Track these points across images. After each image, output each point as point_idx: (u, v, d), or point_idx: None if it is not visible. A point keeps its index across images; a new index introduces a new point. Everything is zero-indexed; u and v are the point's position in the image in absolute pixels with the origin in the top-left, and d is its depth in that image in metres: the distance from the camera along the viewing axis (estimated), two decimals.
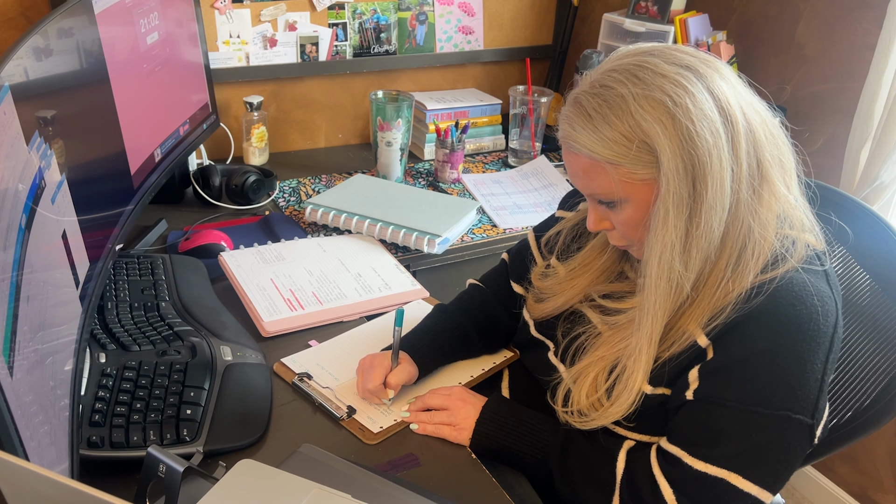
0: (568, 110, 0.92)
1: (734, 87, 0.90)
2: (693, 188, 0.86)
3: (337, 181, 1.86)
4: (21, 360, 0.73)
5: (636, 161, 0.88)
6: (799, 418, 0.85)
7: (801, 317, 0.86)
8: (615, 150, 0.88)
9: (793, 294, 0.86)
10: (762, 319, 0.86)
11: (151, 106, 1.44)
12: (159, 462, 0.76)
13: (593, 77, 0.92)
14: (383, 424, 1.05)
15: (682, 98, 0.85)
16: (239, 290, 1.33)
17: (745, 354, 0.86)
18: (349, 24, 1.99)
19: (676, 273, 0.89)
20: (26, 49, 0.96)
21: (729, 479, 0.85)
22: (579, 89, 0.92)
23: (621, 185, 0.90)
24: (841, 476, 1.97)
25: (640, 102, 0.86)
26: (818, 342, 0.86)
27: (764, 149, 0.89)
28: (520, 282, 1.22)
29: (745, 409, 0.86)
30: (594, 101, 0.89)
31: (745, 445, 0.86)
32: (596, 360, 0.98)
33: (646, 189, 0.89)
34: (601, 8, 2.12)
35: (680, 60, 0.88)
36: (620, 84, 0.87)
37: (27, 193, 0.83)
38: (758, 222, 0.89)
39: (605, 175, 0.90)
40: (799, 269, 0.89)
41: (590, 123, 0.88)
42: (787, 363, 0.85)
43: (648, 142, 0.86)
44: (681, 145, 0.85)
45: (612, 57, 0.93)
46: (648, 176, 0.88)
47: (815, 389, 0.86)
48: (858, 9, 1.62)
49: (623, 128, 0.87)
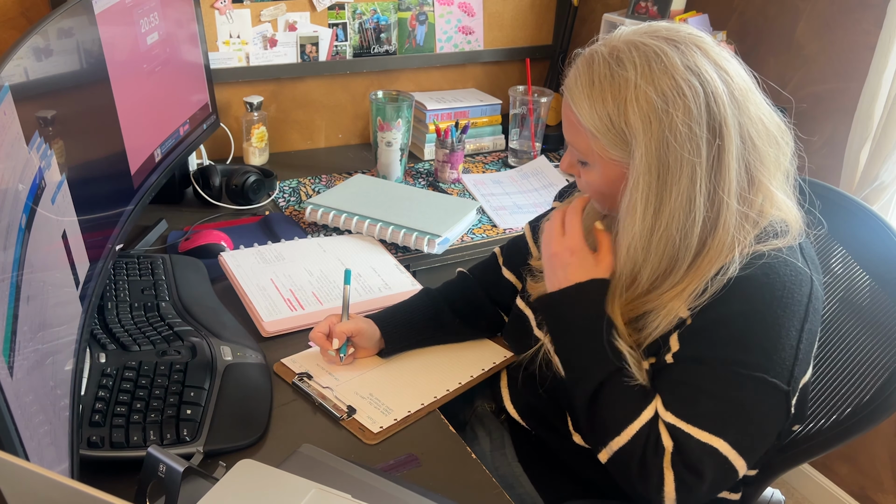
0: (581, 63, 0.95)
1: (739, 101, 0.90)
2: (660, 189, 0.90)
3: (337, 181, 1.86)
4: (21, 360, 0.73)
5: (611, 142, 0.92)
6: (774, 382, 0.88)
7: (774, 284, 0.89)
8: (597, 125, 0.92)
9: (766, 265, 0.90)
10: (736, 286, 0.89)
11: (151, 106, 1.44)
12: (159, 462, 0.76)
13: (621, 38, 0.94)
14: (383, 424, 1.05)
15: (676, 107, 0.88)
16: (239, 290, 1.33)
17: (720, 316, 0.90)
18: (349, 24, 1.99)
19: (639, 262, 0.93)
20: (26, 49, 0.96)
21: (711, 443, 0.86)
22: (602, 46, 0.94)
23: (594, 154, 0.94)
24: (841, 476, 1.97)
25: (638, 94, 0.89)
26: (792, 310, 0.89)
27: (758, 157, 0.92)
28: (514, 270, 1.23)
29: (723, 367, 0.88)
30: (604, 69, 0.91)
31: (722, 404, 0.88)
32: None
33: (614, 167, 0.94)
34: (601, 8, 2.12)
35: (696, 64, 0.89)
36: (632, 66, 0.90)
37: (27, 193, 0.83)
38: (743, 221, 0.92)
39: (584, 137, 0.94)
40: (774, 247, 0.92)
41: (588, 89, 0.92)
42: (762, 326, 0.88)
43: (627, 132, 0.90)
44: (657, 148, 0.89)
45: (649, 28, 0.95)
46: (618, 158, 0.93)
47: (790, 357, 0.88)
48: (858, 9, 1.62)
49: (612, 109, 0.90)
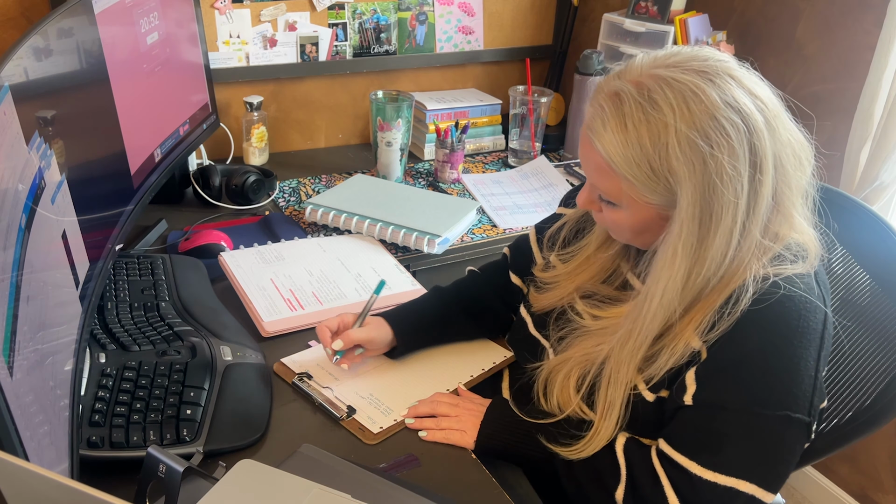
0: (605, 102, 0.87)
1: (774, 128, 0.86)
2: (703, 234, 0.86)
3: (337, 181, 1.86)
4: (21, 361, 0.73)
5: (650, 189, 0.87)
6: (798, 417, 0.86)
7: (790, 315, 0.86)
8: (635, 172, 0.86)
9: (783, 295, 0.87)
10: (752, 319, 0.86)
11: (151, 106, 1.44)
12: (159, 462, 0.76)
13: (646, 73, 0.86)
14: (383, 424, 1.05)
15: (721, 149, 0.83)
16: (239, 290, 1.32)
17: (739, 355, 0.87)
18: (349, 24, 1.99)
19: (675, 306, 0.89)
20: (26, 49, 0.96)
21: (737, 487, 0.85)
22: (627, 83, 0.86)
23: (626, 197, 0.90)
24: (841, 476, 1.97)
25: (679, 137, 0.83)
26: (809, 339, 0.86)
27: (786, 182, 0.89)
28: (520, 275, 1.23)
29: (746, 410, 0.86)
30: (636, 111, 0.85)
31: (748, 449, 0.86)
32: (576, 356, 1.00)
33: (648, 209, 0.90)
34: (601, 8, 2.12)
35: (734, 98, 0.84)
36: (668, 107, 0.83)
37: (27, 193, 0.83)
38: (760, 248, 0.89)
39: (614, 181, 0.89)
40: (790, 273, 0.89)
41: (621, 134, 0.85)
42: (781, 362, 0.86)
43: (671, 179, 0.85)
44: (702, 194, 0.84)
45: (672, 58, 0.87)
46: (656, 202, 0.88)
47: (809, 387, 0.86)
48: (858, 9, 1.62)
49: (652, 155, 0.85)
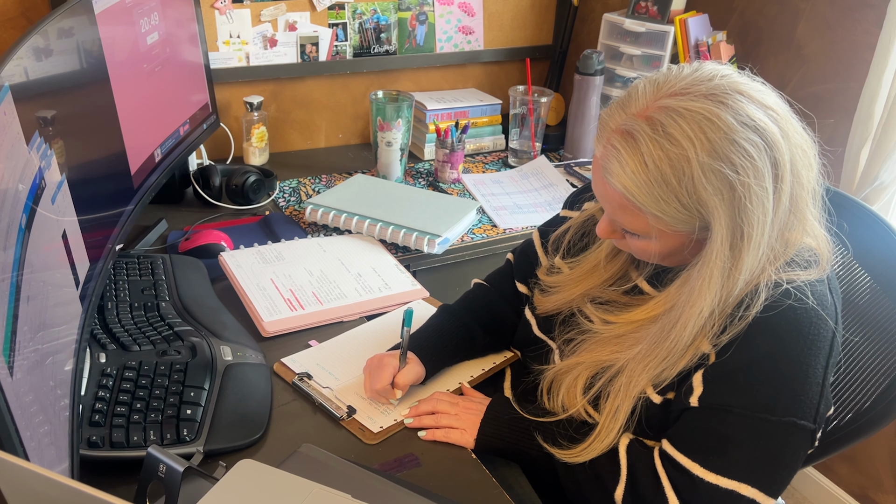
0: (618, 142, 0.85)
1: (787, 134, 0.86)
2: (736, 255, 0.86)
3: (337, 181, 1.86)
4: (21, 360, 0.73)
5: (680, 221, 0.87)
6: (804, 424, 0.86)
7: (801, 321, 0.86)
8: (664, 208, 0.85)
9: (791, 300, 0.86)
10: (762, 324, 0.86)
11: (151, 106, 1.44)
12: (159, 462, 0.76)
13: (655, 105, 0.85)
14: (383, 424, 1.05)
15: (746, 172, 0.82)
16: (239, 290, 1.32)
17: (748, 360, 0.86)
18: (349, 24, 1.99)
19: (703, 320, 0.88)
20: (26, 49, 0.96)
21: (738, 490, 0.85)
22: (637, 121, 0.85)
23: (654, 230, 0.89)
24: (841, 476, 1.97)
25: (704, 169, 0.82)
26: (819, 346, 0.86)
27: (800, 185, 0.88)
28: (524, 281, 1.22)
29: (752, 415, 0.85)
30: (654, 148, 0.83)
31: (752, 453, 0.86)
32: (587, 361, 0.99)
33: (678, 237, 0.89)
34: (601, 8, 2.12)
35: (748, 115, 0.83)
36: (686, 139, 0.82)
37: (27, 193, 0.83)
38: (774, 253, 0.89)
39: (639, 217, 0.88)
40: (803, 279, 0.89)
41: (643, 174, 0.84)
42: (790, 368, 0.85)
43: (701, 210, 0.85)
44: (733, 217, 0.84)
45: (676, 85, 0.86)
46: (685, 229, 0.87)
47: (816, 394, 0.86)
48: (858, 9, 1.62)
49: (679, 191, 0.84)
